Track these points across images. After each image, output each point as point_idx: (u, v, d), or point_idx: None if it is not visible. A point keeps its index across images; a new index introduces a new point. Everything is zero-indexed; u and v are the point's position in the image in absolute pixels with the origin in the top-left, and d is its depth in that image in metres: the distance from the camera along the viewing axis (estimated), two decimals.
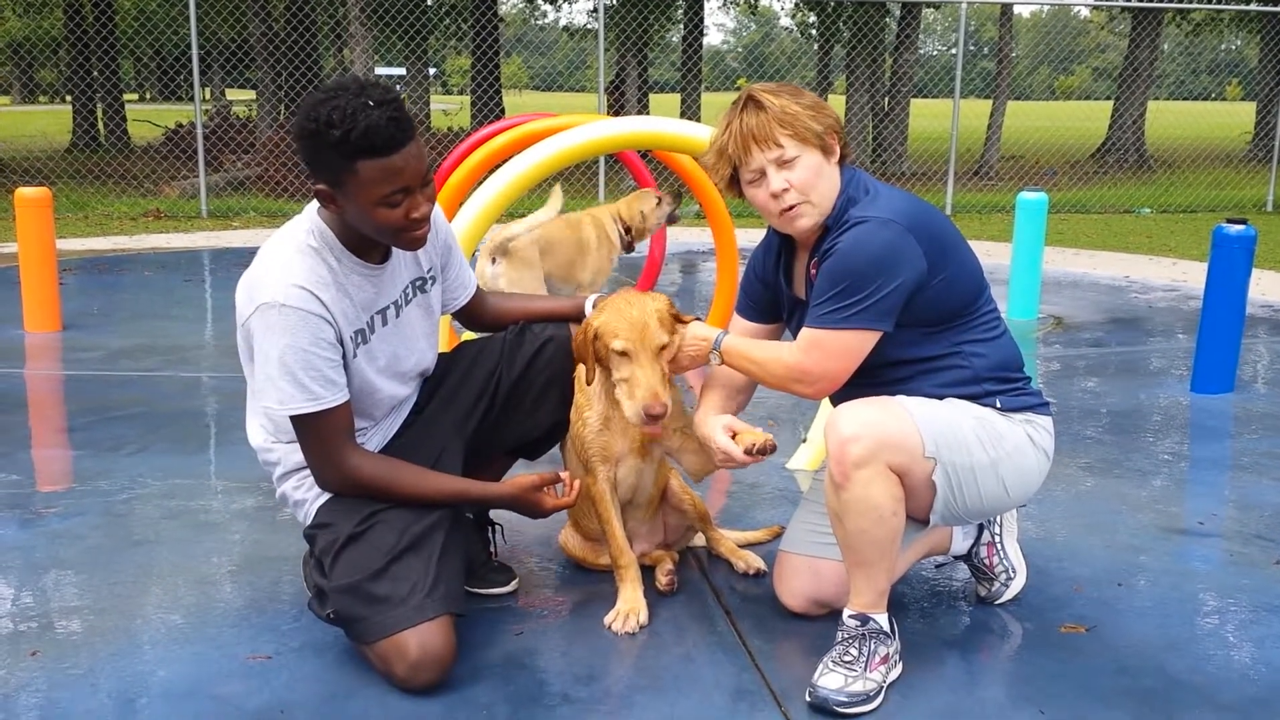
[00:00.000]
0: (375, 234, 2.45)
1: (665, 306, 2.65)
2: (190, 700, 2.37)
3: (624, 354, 2.59)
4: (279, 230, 2.54)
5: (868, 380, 2.52)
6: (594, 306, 2.88)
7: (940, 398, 2.52)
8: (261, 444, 2.68)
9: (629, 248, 5.70)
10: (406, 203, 2.39)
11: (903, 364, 2.54)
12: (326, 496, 2.60)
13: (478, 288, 2.97)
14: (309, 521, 2.62)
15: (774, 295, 2.78)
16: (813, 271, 2.55)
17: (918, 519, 2.52)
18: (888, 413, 2.41)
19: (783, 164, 2.50)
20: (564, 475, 2.76)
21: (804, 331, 2.51)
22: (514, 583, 2.93)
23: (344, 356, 2.50)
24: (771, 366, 2.55)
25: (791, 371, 2.51)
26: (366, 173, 2.32)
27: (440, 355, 2.87)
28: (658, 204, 5.73)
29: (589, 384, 2.71)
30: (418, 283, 2.72)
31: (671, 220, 5.84)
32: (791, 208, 2.52)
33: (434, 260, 2.78)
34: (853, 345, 2.45)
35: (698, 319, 2.75)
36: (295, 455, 2.61)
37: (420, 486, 2.55)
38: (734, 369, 2.64)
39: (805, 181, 2.50)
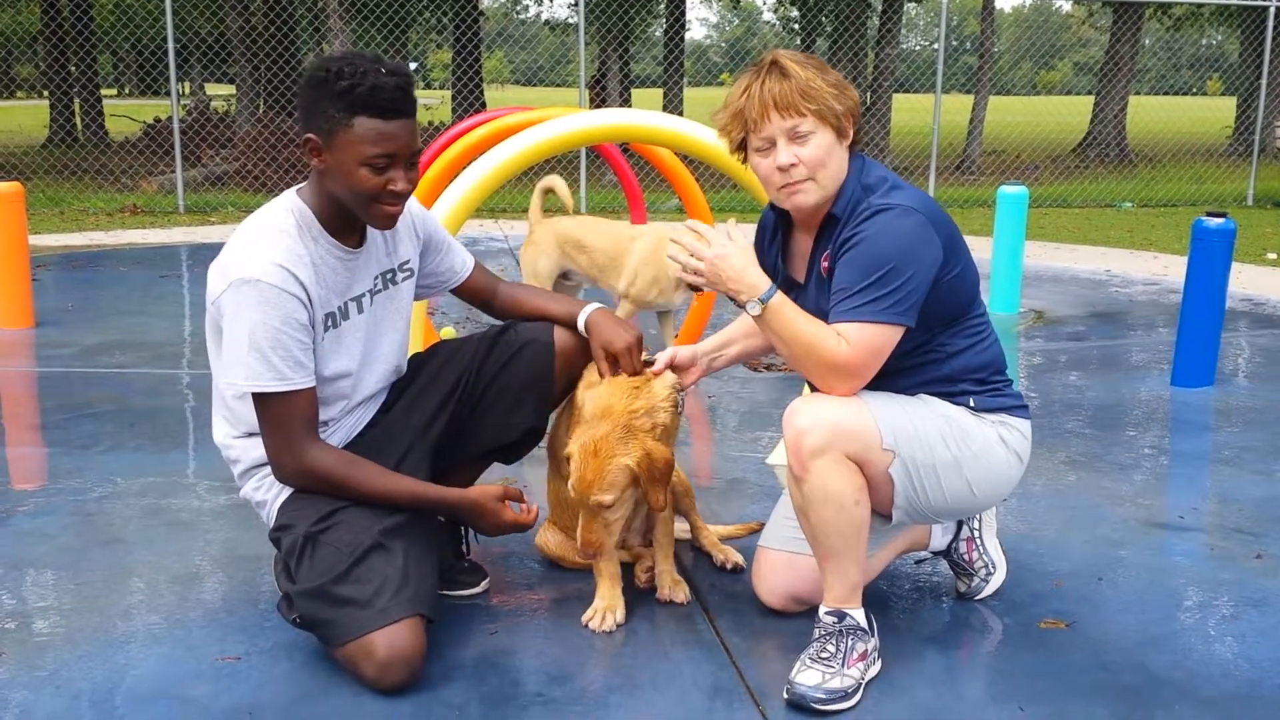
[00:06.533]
0: (350, 197, 2.45)
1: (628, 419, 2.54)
2: (158, 701, 2.33)
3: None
4: (257, 211, 2.54)
5: None
6: (586, 319, 2.80)
7: (912, 394, 2.49)
8: (223, 440, 2.64)
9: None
10: (389, 173, 2.41)
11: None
12: (286, 496, 2.56)
13: (479, 268, 2.93)
14: (271, 524, 2.59)
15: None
16: (825, 264, 2.48)
17: (882, 514, 2.50)
18: (844, 404, 2.37)
19: (795, 137, 2.40)
20: (529, 503, 2.71)
21: (838, 326, 2.37)
22: (484, 583, 2.89)
23: (313, 341, 2.48)
24: (815, 349, 2.34)
25: (835, 362, 2.33)
26: (360, 129, 2.37)
27: (413, 356, 2.83)
28: None
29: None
30: (387, 275, 2.69)
31: None
32: (795, 183, 2.43)
33: (410, 254, 2.75)
34: (883, 341, 2.34)
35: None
36: (254, 451, 2.57)
37: (377, 485, 2.51)
38: (769, 333, 2.41)
39: (814, 159, 2.41)
